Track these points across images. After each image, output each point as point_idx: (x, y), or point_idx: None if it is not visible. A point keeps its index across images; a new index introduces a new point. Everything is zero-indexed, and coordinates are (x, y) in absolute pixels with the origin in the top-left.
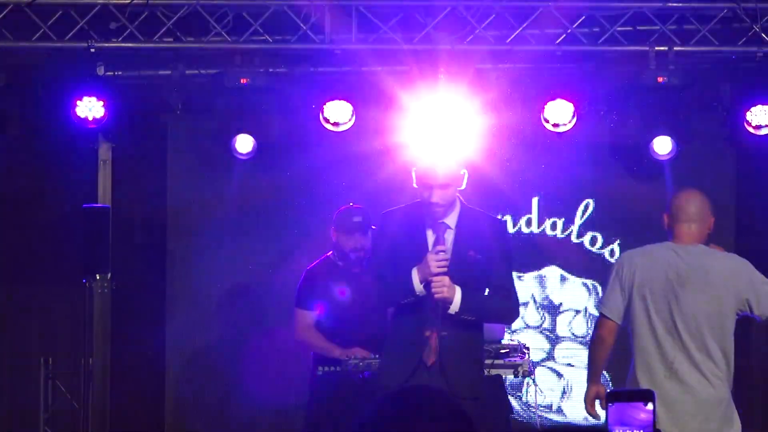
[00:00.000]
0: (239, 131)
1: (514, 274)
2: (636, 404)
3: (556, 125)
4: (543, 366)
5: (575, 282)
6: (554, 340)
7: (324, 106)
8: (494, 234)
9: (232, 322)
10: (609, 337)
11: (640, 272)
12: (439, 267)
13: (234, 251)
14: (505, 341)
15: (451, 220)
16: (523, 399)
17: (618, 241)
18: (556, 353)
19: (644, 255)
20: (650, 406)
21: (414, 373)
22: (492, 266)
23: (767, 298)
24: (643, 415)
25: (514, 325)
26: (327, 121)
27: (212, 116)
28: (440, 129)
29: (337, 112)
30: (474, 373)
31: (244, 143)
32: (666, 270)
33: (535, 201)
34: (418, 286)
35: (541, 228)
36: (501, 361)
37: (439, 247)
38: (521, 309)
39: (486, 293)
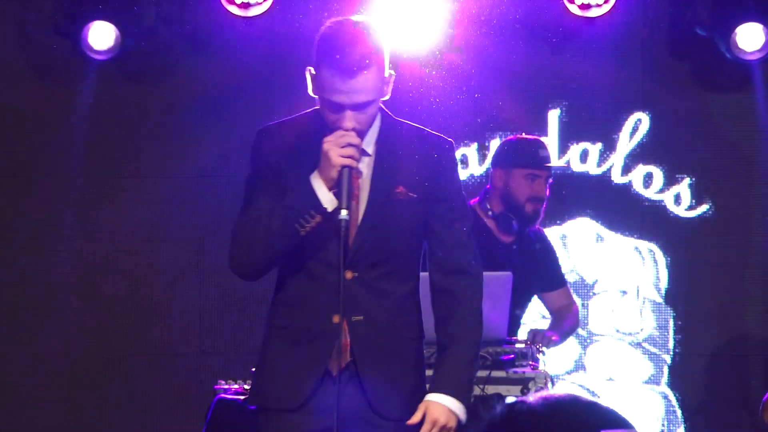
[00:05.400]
0: (93, 12)
1: None
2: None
3: (585, 6)
4: (568, 380)
5: (620, 244)
6: (587, 338)
7: None
8: (436, 162)
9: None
10: None
11: None
12: (343, 155)
13: (86, 217)
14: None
15: (369, 141)
16: None
17: (688, 180)
18: (590, 359)
19: None
20: None
21: (318, 388)
22: (434, 211)
23: None
24: None
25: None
26: (231, 2)
27: None
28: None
29: None
30: (408, 382)
31: (101, 36)
32: None
33: (553, 116)
34: (325, 195)
35: (564, 159)
36: (502, 373)
37: (340, 132)
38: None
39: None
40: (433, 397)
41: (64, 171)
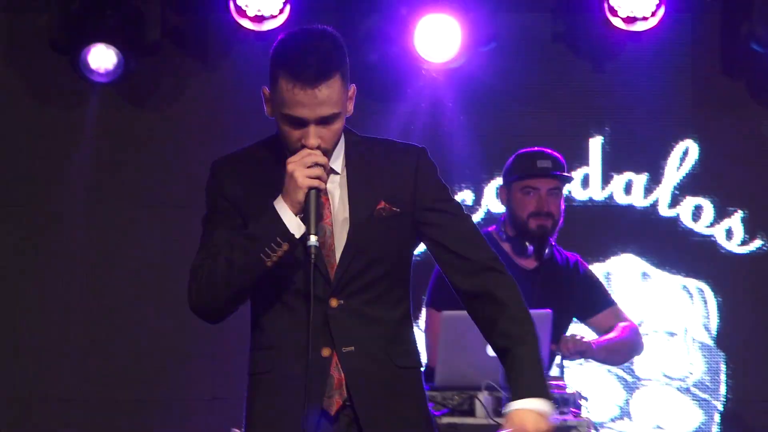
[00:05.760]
0: (94, 34)
1: None
2: None
3: (630, 20)
4: (613, 428)
5: (667, 282)
6: (632, 383)
7: None
8: (414, 170)
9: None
10: None
11: None
12: (310, 176)
13: (88, 232)
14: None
15: (335, 159)
16: None
17: (741, 214)
18: (636, 406)
19: None
20: None
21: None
22: (429, 222)
23: None
24: None
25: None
26: (243, 14)
27: (45, 2)
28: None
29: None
30: (411, 416)
31: (101, 59)
32: None
33: (595, 144)
34: (292, 220)
35: (608, 191)
36: None
37: (306, 151)
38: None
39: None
40: (516, 405)
41: (68, 200)
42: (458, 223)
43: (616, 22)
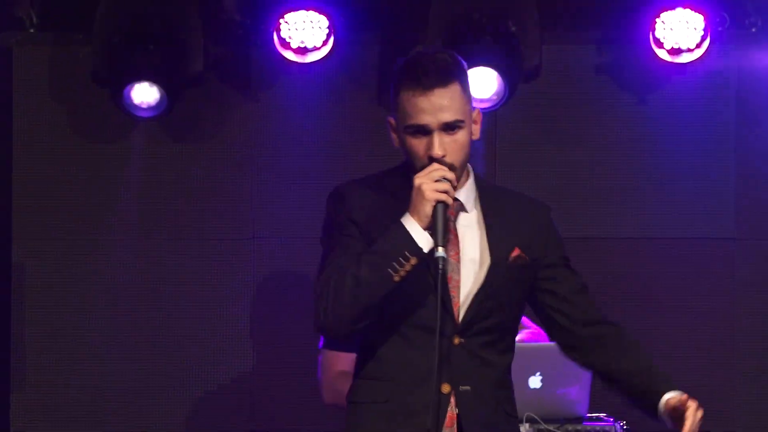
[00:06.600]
0: (136, 71)
1: None
2: None
3: (675, 51)
4: None
5: None
6: None
7: (281, 22)
8: (546, 227)
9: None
10: None
11: None
12: (438, 190)
13: (129, 265)
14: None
15: (465, 195)
16: None
17: None
18: None
19: None
20: None
21: None
22: (554, 277)
23: None
24: None
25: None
26: (286, 46)
27: (88, 36)
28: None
29: (306, 32)
30: None
31: (142, 96)
32: None
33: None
34: (420, 234)
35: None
36: None
37: (434, 165)
38: None
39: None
40: (676, 392)
41: (111, 233)
42: (574, 277)
43: (661, 53)
